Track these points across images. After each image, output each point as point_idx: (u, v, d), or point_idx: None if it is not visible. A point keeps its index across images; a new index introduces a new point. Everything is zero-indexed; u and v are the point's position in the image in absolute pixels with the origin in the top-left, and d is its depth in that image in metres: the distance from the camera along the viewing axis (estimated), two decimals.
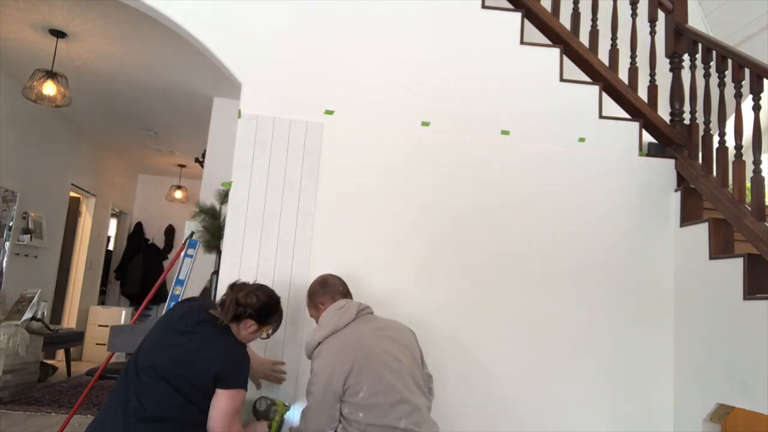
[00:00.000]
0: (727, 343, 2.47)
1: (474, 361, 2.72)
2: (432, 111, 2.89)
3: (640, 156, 2.99)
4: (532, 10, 3.13)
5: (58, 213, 6.54)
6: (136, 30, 4.08)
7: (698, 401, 2.61)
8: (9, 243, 5.50)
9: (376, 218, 2.77)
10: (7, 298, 5.29)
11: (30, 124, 5.71)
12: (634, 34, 3.20)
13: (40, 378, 5.26)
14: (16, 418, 4.14)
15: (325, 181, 2.76)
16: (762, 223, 2.41)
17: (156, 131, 6.62)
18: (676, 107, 3.14)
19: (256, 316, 2.17)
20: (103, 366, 3.28)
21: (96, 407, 4.58)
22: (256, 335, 2.23)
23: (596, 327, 2.81)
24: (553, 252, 2.84)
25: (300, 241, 2.69)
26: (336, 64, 2.87)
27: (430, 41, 2.94)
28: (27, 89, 4.32)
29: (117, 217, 8.69)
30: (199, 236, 3.34)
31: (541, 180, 2.89)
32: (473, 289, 2.77)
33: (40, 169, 6.04)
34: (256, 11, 2.85)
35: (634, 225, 2.91)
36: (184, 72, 4.78)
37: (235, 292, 2.18)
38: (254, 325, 2.18)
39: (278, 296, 2.29)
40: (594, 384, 2.77)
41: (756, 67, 2.58)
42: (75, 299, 7.25)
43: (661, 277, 2.88)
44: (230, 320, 2.14)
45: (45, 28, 4.21)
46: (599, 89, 3.04)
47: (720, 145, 2.78)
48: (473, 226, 2.81)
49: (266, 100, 2.79)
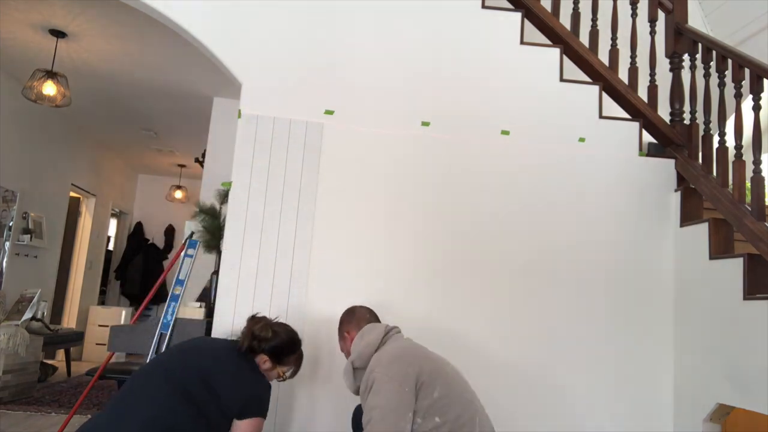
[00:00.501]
0: (727, 343, 2.47)
1: (473, 361, 2.72)
2: (432, 111, 2.89)
3: (640, 156, 2.99)
4: (532, 10, 3.13)
5: (58, 213, 6.54)
6: (136, 30, 4.08)
7: (698, 401, 2.61)
8: (9, 243, 5.50)
9: (375, 218, 2.77)
10: (7, 298, 5.29)
11: (30, 124, 5.71)
12: (634, 34, 3.20)
13: (40, 378, 5.25)
14: (16, 418, 4.13)
15: (324, 180, 2.76)
16: (762, 223, 2.41)
17: (156, 131, 6.62)
18: (676, 107, 3.14)
19: (270, 353, 2.10)
20: (103, 366, 3.28)
21: (96, 407, 4.58)
22: (271, 373, 2.14)
23: (596, 327, 2.81)
24: (552, 252, 2.84)
25: (300, 240, 2.69)
26: (336, 64, 2.87)
27: (431, 41, 2.94)
28: (27, 89, 4.32)
29: (117, 217, 8.69)
30: (199, 236, 3.33)
31: (541, 180, 2.89)
32: (472, 289, 2.77)
33: (40, 169, 6.04)
34: (256, 11, 2.85)
35: (634, 225, 2.91)
36: (184, 72, 4.78)
37: (253, 324, 2.13)
38: (268, 362, 2.11)
39: (299, 338, 2.21)
40: (594, 383, 2.77)
41: (756, 67, 2.57)
42: (75, 299, 7.25)
43: (661, 277, 2.88)
44: (246, 353, 2.08)
45: (45, 28, 4.20)
46: (599, 89, 3.04)
47: (720, 145, 2.77)
48: (473, 226, 2.81)
49: (266, 100, 2.79)
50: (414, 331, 2.42)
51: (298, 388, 2.62)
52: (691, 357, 2.70)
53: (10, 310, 5.14)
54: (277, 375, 2.17)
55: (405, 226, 2.78)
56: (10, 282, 5.49)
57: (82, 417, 4.16)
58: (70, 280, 7.24)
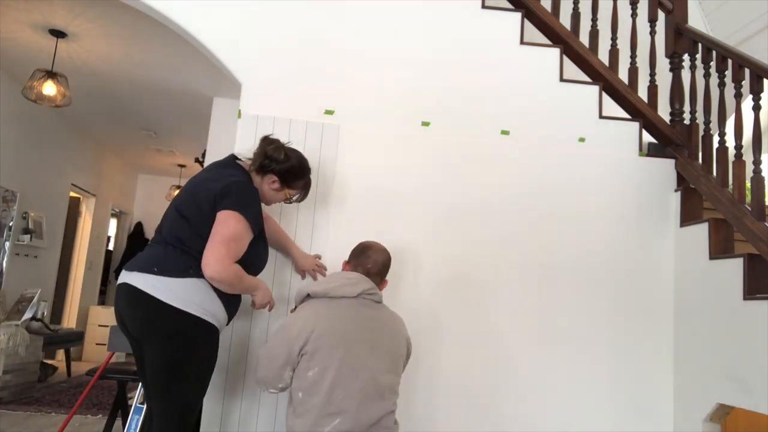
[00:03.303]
0: (727, 343, 2.47)
1: (473, 360, 2.72)
2: (432, 111, 2.89)
3: (640, 156, 2.99)
4: (532, 10, 3.13)
5: (58, 213, 6.54)
6: (136, 30, 4.08)
7: (698, 401, 2.61)
8: (9, 243, 5.50)
9: (375, 217, 2.76)
10: (7, 298, 5.29)
11: (30, 124, 5.71)
12: (634, 34, 3.20)
13: (40, 378, 5.25)
14: (16, 418, 4.14)
15: (324, 180, 2.76)
16: (762, 223, 2.41)
17: (156, 131, 6.62)
18: (676, 107, 3.14)
19: (279, 173, 2.19)
20: (103, 366, 3.28)
21: (96, 407, 4.58)
22: (278, 195, 2.24)
23: (596, 327, 2.81)
24: (552, 252, 2.83)
25: (300, 240, 2.69)
26: (336, 64, 2.87)
27: (430, 41, 2.94)
28: (27, 89, 4.32)
29: (117, 217, 8.70)
30: None
31: (540, 180, 2.88)
32: (471, 288, 2.77)
33: (40, 169, 6.04)
34: (256, 11, 2.85)
35: (634, 225, 2.91)
36: (184, 72, 4.78)
37: (266, 144, 2.21)
38: (277, 182, 2.20)
39: (309, 166, 2.32)
40: (594, 384, 2.77)
41: (756, 67, 2.58)
42: (75, 299, 7.25)
43: (661, 277, 2.88)
44: (256, 170, 2.18)
45: (45, 28, 4.20)
46: (599, 89, 3.04)
47: (720, 145, 2.78)
48: (472, 227, 2.81)
49: (266, 100, 2.79)
50: (413, 331, 2.42)
51: None
52: (691, 357, 2.70)
53: (10, 310, 5.14)
54: (284, 196, 2.28)
55: (404, 225, 2.77)
56: (10, 282, 5.49)
57: (82, 417, 4.16)
58: (70, 280, 7.24)
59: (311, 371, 2.02)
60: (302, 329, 2.06)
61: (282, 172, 2.21)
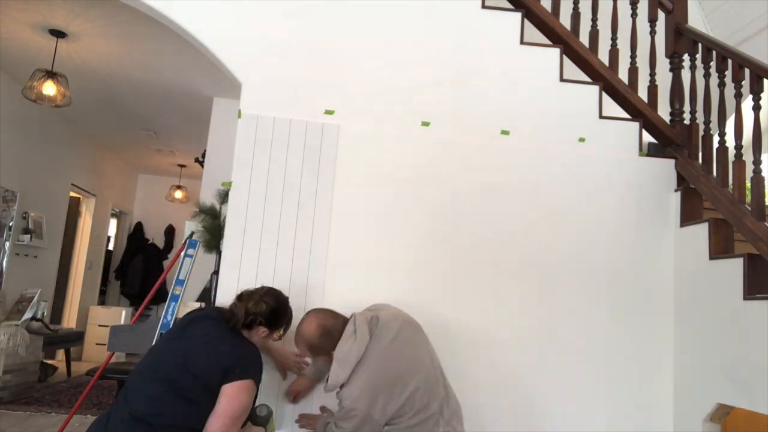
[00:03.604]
0: (727, 343, 2.47)
1: (473, 360, 2.72)
2: (432, 111, 2.89)
3: (640, 156, 2.99)
4: (532, 10, 3.13)
5: (58, 213, 6.54)
6: (136, 30, 4.08)
7: (698, 401, 2.61)
8: (9, 243, 5.50)
9: (375, 217, 2.76)
10: (7, 298, 5.29)
11: (30, 124, 5.71)
12: (634, 34, 3.20)
13: (40, 378, 5.26)
14: (16, 418, 4.14)
15: (324, 180, 2.76)
16: (762, 223, 2.41)
17: (156, 131, 6.62)
18: (676, 107, 3.14)
19: (267, 323, 2.22)
20: (103, 366, 3.28)
21: (96, 407, 4.58)
22: (268, 339, 2.30)
23: (596, 327, 2.81)
24: (553, 252, 2.83)
25: (300, 240, 2.69)
26: (336, 64, 2.87)
27: (431, 41, 2.94)
28: (27, 89, 4.32)
29: (117, 217, 8.70)
30: (199, 236, 3.33)
31: (541, 180, 2.88)
32: (471, 288, 2.77)
33: (40, 169, 6.04)
34: (256, 11, 2.85)
35: (634, 225, 2.91)
36: (184, 72, 4.78)
37: (245, 303, 2.22)
38: (266, 331, 2.24)
39: (286, 297, 2.33)
40: (594, 384, 2.77)
41: (756, 67, 2.57)
42: (75, 299, 7.26)
43: (661, 277, 2.88)
44: (242, 328, 2.20)
45: (45, 28, 4.21)
46: (599, 89, 3.04)
47: (720, 145, 2.77)
48: (472, 227, 2.81)
49: (266, 100, 2.79)
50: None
51: None
52: (691, 357, 2.70)
53: (10, 310, 5.14)
54: (273, 338, 2.32)
55: (404, 225, 2.77)
56: (10, 282, 5.49)
57: (82, 417, 4.16)
58: (70, 280, 7.24)
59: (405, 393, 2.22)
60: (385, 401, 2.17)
61: (269, 321, 2.23)
